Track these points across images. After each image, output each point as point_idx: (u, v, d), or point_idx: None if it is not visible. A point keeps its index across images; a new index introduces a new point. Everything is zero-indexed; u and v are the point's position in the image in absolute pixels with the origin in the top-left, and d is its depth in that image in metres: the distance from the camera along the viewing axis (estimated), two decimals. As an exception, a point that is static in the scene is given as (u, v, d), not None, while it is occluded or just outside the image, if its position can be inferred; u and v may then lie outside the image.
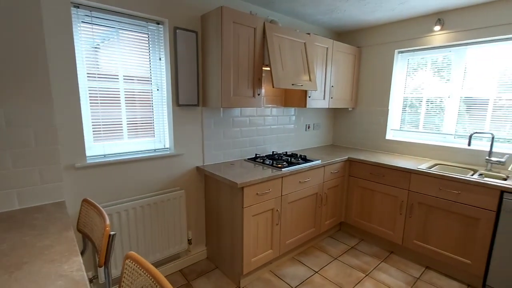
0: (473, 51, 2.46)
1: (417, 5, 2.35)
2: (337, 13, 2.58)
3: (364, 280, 2.16)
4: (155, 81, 1.99)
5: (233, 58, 1.95)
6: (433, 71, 2.72)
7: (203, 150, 2.25)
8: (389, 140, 3.01)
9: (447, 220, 2.16)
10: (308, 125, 3.15)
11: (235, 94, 2.00)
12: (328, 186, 2.61)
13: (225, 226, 2.09)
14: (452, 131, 2.64)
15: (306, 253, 2.53)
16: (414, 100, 2.88)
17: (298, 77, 2.25)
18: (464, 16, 2.39)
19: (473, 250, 2.05)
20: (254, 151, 2.64)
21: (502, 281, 1.93)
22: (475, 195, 2.00)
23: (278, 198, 2.13)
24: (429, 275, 2.24)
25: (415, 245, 2.36)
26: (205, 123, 2.21)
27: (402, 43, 2.81)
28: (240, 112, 2.46)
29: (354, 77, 3.13)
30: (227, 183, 1.93)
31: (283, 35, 2.17)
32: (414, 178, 2.31)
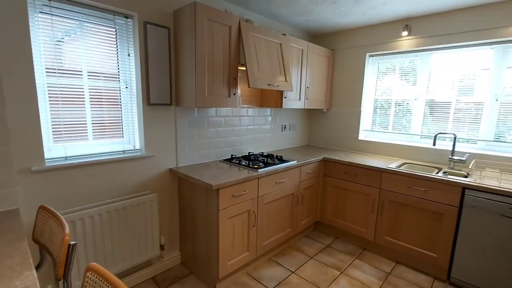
0: (437, 56, 2.61)
1: (386, 11, 2.45)
2: (311, 16, 2.62)
3: (339, 278, 2.20)
4: (124, 78, 1.87)
5: (208, 56, 1.89)
6: (401, 75, 2.85)
7: (177, 151, 2.16)
8: (362, 140, 3.11)
9: (415, 216, 2.27)
10: (284, 125, 3.17)
11: (210, 93, 1.94)
12: (304, 186, 2.63)
13: (200, 229, 2.03)
14: (418, 131, 2.79)
15: (283, 253, 2.52)
16: (384, 102, 3.01)
17: (274, 78, 2.25)
18: (429, 23, 2.53)
19: (438, 244, 2.16)
20: (230, 152, 2.59)
21: (465, 273, 2.06)
22: (440, 192, 2.11)
23: (255, 199, 2.11)
24: (399, 270, 2.34)
25: (386, 241, 2.45)
26: (178, 123, 2.13)
27: (373, 47, 2.92)
28: (216, 112, 2.40)
29: (328, 78, 3.20)
30: (202, 185, 1.86)
31: (259, 34, 2.15)
32: (384, 177, 2.40)
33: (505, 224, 1.86)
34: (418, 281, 2.19)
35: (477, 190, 1.94)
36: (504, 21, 2.17)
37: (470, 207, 1.99)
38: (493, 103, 2.35)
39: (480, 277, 1.99)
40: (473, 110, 2.46)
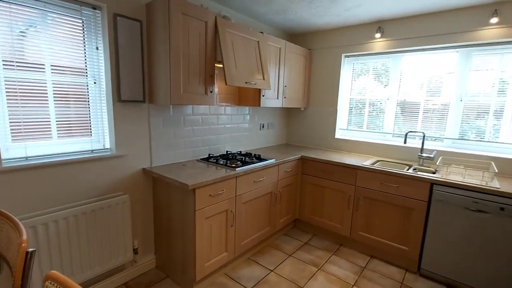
0: (407, 58, 2.73)
1: (360, 13, 2.52)
2: (289, 15, 2.63)
3: (316, 274, 2.23)
4: (92, 73, 1.77)
5: (183, 52, 1.83)
6: (374, 76, 2.95)
7: (151, 151, 2.07)
8: (338, 139, 3.19)
9: (388, 211, 2.35)
10: (263, 124, 3.16)
11: (185, 90, 1.88)
12: (282, 185, 2.64)
13: (176, 231, 1.96)
14: (390, 130, 2.90)
15: (262, 252, 2.52)
16: (359, 102, 3.10)
17: (252, 76, 2.23)
18: (400, 26, 2.64)
19: (409, 237, 2.26)
20: (208, 151, 2.54)
21: (433, 264, 2.17)
22: (410, 187, 2.21)
23: (233, 198, 2.08)
24: (373, 263, 2.41)
25: (361, 236, 2.52)
26: (152, 121, 2.05)
27: (348, 48, 2.99)
28: (192, 110, 2.34)
29: (305, 78, 3.24)
30: (177, 185, 1.80)
31: (236, 31, 2.12)
32: (359, 174, 2.47)
33: (468, 217, 1.98)
34: (391, 274, 2.27)
35: (443, 185, 2.05)
36: (468, 26, 2.31)
37: (437, 201, 2.09)
38: (458, 104, 2.50)
39: (447, 267, 2.11)
40: (440, 110, 2.60)
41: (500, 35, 2.19)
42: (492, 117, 2.37)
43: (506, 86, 2.28)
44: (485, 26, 2.24)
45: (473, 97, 2.43)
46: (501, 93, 2.31)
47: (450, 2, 2.21)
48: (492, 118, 2.36)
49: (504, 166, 2.26)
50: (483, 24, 2.25)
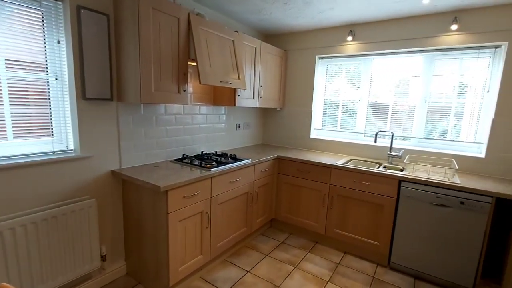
0: (377, 62, 2.85)
1: (333, 16, 2.59)
2: (264, 15, 2.63)
3: (293, 272, 2.25)
4: (53, 69, 1.64)
5: (154, 49, 1.76)
6: (347, 78, 3.05)
7: (120, 152, 1.97)
8: (313, 138, 3.25)
9: (360, 208, 2.43)
10: (239, 124, 3.14)
11: (157, 89, 1.81)
12: (259, 185, 2.63)
13: (148, 235, 1.88)
14: (362, 130, 3.01)
15: (238, 253, 2.49)
16: (333, 103, 3.18)
17: (227, 75, 2.20)
18: (370, 30, 2.75)
19: (380, 233, 2.35)
20: (182, 152, 2.47)
21: (402, 257, 2.28)
22: (380, 185, 2.30)
23: (208, 199, 2.03)
24: (347, 259, 2.48)
25: (336, 233, 2.58)
26: (121, 120, 1.95)
27: (322, 50, 3.06)
28: (165, 110, 2.26)
29: (281, 78, 3.26)
30: (148, 187, 1.73)
31: (211, 29, 2.09)
32: (334, 172, 2.53)
33: (433, 211, 2.10)
34: (363, 268, 2.35)
35: (410, 182, 2.16)
36: (431, 32, 2.45)
37: (405, 197, 2.20)
38: (423, 106, 2.65)
39: (415, 259, 2.22)
40: (407, 112, 2.74)
41: (459, 41, 2.35)
42: (453, 118, 2.53)
43: (465, 89, 2.45)
44: (446, 32, 2.39)
45: (436, 99, 2.59)
46: (461, 96, 2.48)
47: (414, 9, 2.33)
48: (453, 119, 2.53)
49: (464, 163, 2.42)
50: (444, 30, 2.40)
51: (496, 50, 2.29)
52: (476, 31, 2.27)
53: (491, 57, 2.32)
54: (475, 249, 1.97)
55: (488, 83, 2.35)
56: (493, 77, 2.32)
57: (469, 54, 2.40)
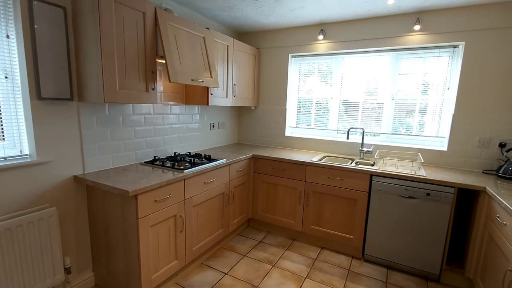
0: (347, 60, 2.92)
1: (304, 14, 2.61)
2: (235, 12, 2.59)
3: (271, 271, 2.24)
4: (2, 66, 1.48)
5: (118, 45, 1.66)
6: (320, 77, 3.10)
7: (83, 155, 1.84)
8: (288, 136, 3.27)
9: (335, 203, 2.48)
10: (213, 123, 3.08)
11: (122, 87, 1.71)
12: (235, 185, 2.60)
13: (117, 243, 1.77)
14: (335, 127, 3.08)
15: (215, 255, 2.44)
16: (307, 101, 3.22)
17: (199, 73, 2.13)
18: (340, 29, 2.81)
19: (354, 226, 2.42)
20: (153, 153, 2.36)
21: (375, 249, 2.36)
22: (353, 180, 2.36)
23: (181, 202, 1.96)
24: (324, 254, 2.53)
25: (312, 229, 2.62)
26: (84, 121, 1.81)
27: (294, 48, 3.09)
28: (133, 109, 2.14)
29: (255, 76, 3.25)
30: (116, 192, 1.62)
31: (180, 25, 2.01)
32: (309, 170, 2.56)
33: (402, 203, 2.19)
34: (339, 262, 2.40)
35: (381, 176, 2.24)
36: (396, 32, 2.56)
37: (376, 191, 2.28)
38: (391, 103, 2.76)
39: (387, 250, 2.31)
40: (376, 109, 2.84)
41: (422, 41, 2.48)
42: (418, 114, 2.67)
43: (428, 87, 2.59)
44: (410, 32, 2.51)
45: (402, 96, 2.71)
46: (424, 93, 2.62)
47: (381, 10, 2.42)
48: (418, 115, 2.67)
49: (429, 157, 2.56)
50: (408, 30, 2.51)
51: (455, 50, 2.44)
52: (436, 32, 2.41)
53: (450, 56, 2.47)
54: (441, 237, 2.08)
55: (448, 81, 2.50)
56: (453, 75, 2.47)
57: (431, 54, 2.54)
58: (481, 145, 2.35)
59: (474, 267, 1.97)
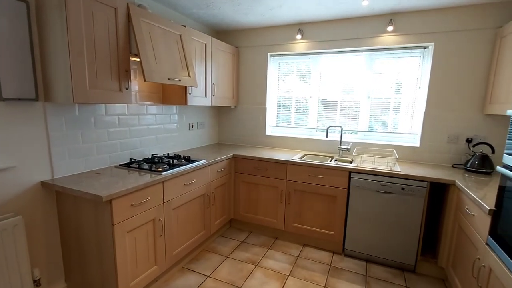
0: (325, 60, 2.97)
1: (282, 14, 2.62)
2: (212, 9, 2.55)
3: (254, 271, 2.23)
4: (-46, 64, 1.35)
5: (87, 42, 1.56)
6: (299, 76, 3.13)
7: (51, 159, 1.72)
8: (269, 135, 3.27)
9: (316, 201, 2.52)
10: (192, 124, 3.01)
11: (93, 86, 1.62)
12: (216, 185, 2.56)
13: (92, 251, 1.68)
14: (315, 126, 3.12)
15: (197, 258, 2.39)
16: (286, 100, 3.24)
17: (176, 72, 2.07)
18: (317, 29, 2.85)
19: (334, 223, 2.47)
20: (129, 156, 2.27)
21: (355, 243, 2.42)
22: (333, 177, 2.41)
23: (160, 205, 1.90)
24: (306, 251, 2.56)
25: (294, 227, 2.64)
26: (51, 123, 1.70)
27: (273, 47, 3.09)
28: (106, 110, 2.04)
29: (234, 75, 3.22)
30: (88, 198, 1.53)
31: (154, 22, 1.94)
32: (290, 168, 2.58)
33: (379, 198, 2.26)
34: (321, 258, 2.44)
35: (359, 172, 2.30)
36: (371, 32, 2.64)
37: (355, 187, 2.34)
38: (366, 101, 2.85)
39: (366, 245, 2.38)
40: (353, 107, 2.92)
41: (395, 42, 2.57)
42: (392, 112, 2.77)
43: (401, 85, 2.70)
44: (383, 33, 2.60)
45: (377, 95, 2.80)
46: (397, 92, 2.72)
47: (356, 11, 2.48)
48: (392, 113, 2.77)
49: (403, 153, 2.67)
50: (382, 31, 2.60)
51: (425, 50, 2.56)
52: (408, 33, 2.51)
53: (421, 56, 2.59)
54: (415, 229, 2.18)
55: (419, 80, 2.62)
56: (423, 74, 2.59)
57: (403, 54, 2.64)
58: (450, 140, 2.48)
59: (446, 257, 2.08)
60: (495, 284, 1.34)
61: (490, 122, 2.35)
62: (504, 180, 1.37)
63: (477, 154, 2.27)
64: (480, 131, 2.38)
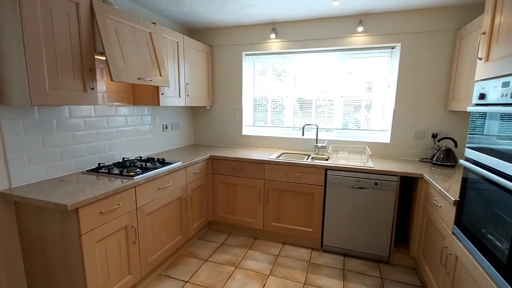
0: (299, 59, 3.00)
1: (255, 13, 2.61)
2: (183, 7, 2.47)
3: (234, 273, 2.20)
4: None
5: (45, 39, 1.44)
6: (274, 75, 3.14)
7: (8, 167, 1.57)
8: (245, 135, 3.25)
9: (294, 199, 2.54)
10: (166, 125, 2.91)
11: (54, 87, 1.50)
12: (192, 188, 2.49)
13: (58, 265, 1.56)
14: (291, 124, 3.15)
15: (175, 264, 2.31)
16: (262, 99, 3.23)
17: (146, 71, 1.98)
18: (291, 29, 2.87)
19: (312, 220, 2.50)
20: (97, 160, 2.14)
21: (332, 239, 2.47)
22: (310, 175, 2.44)
23: (133, 211, 1.80)
24: (285, 250, 2.57)
25: (273, 226, 2.65)
26: (6, 127, 1.55)
27: (248, 47, 3.07)
28: (70, 112, 1.90)
29: (208, 75, 3.16)
30: (52, 207, 1.42)
31: (121, 19, 1.84)
32: (267, 168, 2.57)
33: (354, 193, 2.33)
34: (300, 255, 2.47)
35: (334, 169, 2.35)
36: (342, 32, 2.71)
37: (331, 184, 2.39)
38: (340, 100, 2.92)
39: (342, 239, 2.44)
40: (328, 106, 2.98)
41: (365, 42, 2.66)
42: (364, 110, 2.86)
43: (372, 85, 2.80)
44: (354, 34, 2.68)
45: (350, 94, 2.88)
46: (369, 90, 2.82)
47: (328, 11, 2.53)
48: (365, 111, 2.87)
49: (375, 149, 2.77)
50: (352, 31, 2.68)
51: (393, 50, 2.67)
52: (376, 33, 2.61)
53: (389, 56, 2.70)
54: (388, 222, 2.27)
55: (388, 79, 2.73)
56: (392, 73, 2.70)
57: (373, 54, 2.74)
58: (417, 136, 2.62)
59: (417, 247, 2.19)
60: (461, 270, 1.43)
61: (453, 118, 2.51)
62: (466, 172, 1.46)
63: (441, 148, 2.41)
64: (444, 127, 2.53)
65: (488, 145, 1.26)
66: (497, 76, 1.24)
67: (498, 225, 1.14)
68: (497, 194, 1.16)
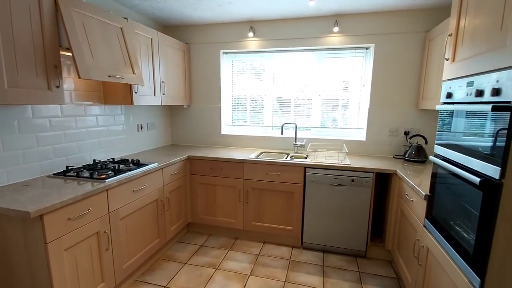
0: (277, 58, 3.01)
1: (232, 10, 2.57)
2: (157, 2, 2.39)
3: (214, 275, 2.17)
4: None
5: (3, 33, 1.32)
6: (253, 74, 3.12)
7: (-40, 173, 1.43)
8: (224, 135, 3.21)
9: (274, 198, 2.54)
10: (141, 125, 2.80)
11: (13, 85, 1.38)
12: (170, 189, 2.42)
13: (21, 277, 1.44)
14: (270, 123, 3.15)
15: (152, 268, 2.23)
16: (241, 98, 3.21)
17: (118, 69, 1.89)
18: (269, 27, 2.87)
19: (292, 218, 2.52)
20: (65, 163, 2.01)
21: (312, 236, 2.50)
22: (289, 173, 2.45)
23: (105, 216, 1.71)
24: (266, 249, 2.57)
25: (254, 226, 2.63)
26: (-42, 129, 1.41)
27: (226, 45, 3.03)
28: (33, 112, 1.77)
29: (185, 73, 3.08)
30: (13, 215, 1.31)
31: (89, 13, 1.73)
32: (246, 167, 2.55)
33: (332, 191, 2.37)
34: (281, 254, 2.48)
35: (313, 167, 2.38)
36: (319, 32, 2.74)
37: (310, 182, 2.41)
38: (318, 99, 2.96)
39: (322, 236, 2.48)
40: (306, 104, 3.01)
41: (340, 42, 2.71)
42: (341, 109, 2.93)
43: (348, 84, 2.87)
44: (330, 34, 2.72)
45: (328, 93, 2.93)
46: (345, 90, 2.88)
47: (305, 11, 2.55)
48: (342, 110, 2.93)
49: (352, 147, 2.85)
50: (329, 32, 2.72)
51: (367, 51, 2.75)
52: (352, 34, 2.67)
53: (364, 56, 2.77)
54: (365, 217, 2.33)
55: (363, 78, 2.81)
56: (366, 73, 2.78)
57: (348, 54, 2.80)
58: (391, 134, 2.72)
59: (392, 240, 2.27)
60: (432, 261, 1.50)
61: (423, 116, 2.63)
62: (436, 167, 1.52)
63: (413, 145, 2.52)
64: (415, 125, 2.65)
65: (455, 142, 1.33)
66: (462, 76, 1.31)
67: (465, 217, 1.20)
68: (463, 188, 1.22)
